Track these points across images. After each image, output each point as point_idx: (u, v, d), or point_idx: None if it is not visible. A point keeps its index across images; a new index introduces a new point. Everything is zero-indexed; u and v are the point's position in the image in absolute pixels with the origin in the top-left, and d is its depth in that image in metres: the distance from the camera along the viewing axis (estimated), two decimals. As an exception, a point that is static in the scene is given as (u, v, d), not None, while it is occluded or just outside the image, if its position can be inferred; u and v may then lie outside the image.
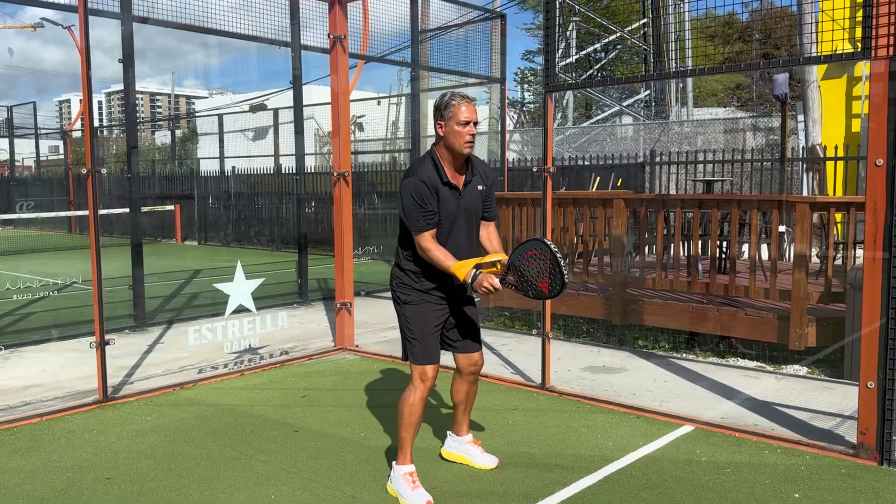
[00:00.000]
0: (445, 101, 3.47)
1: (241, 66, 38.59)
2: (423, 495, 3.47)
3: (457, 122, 3.43)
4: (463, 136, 3.43)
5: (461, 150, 3.45)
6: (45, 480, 3.81)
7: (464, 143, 3.44)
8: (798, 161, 12.20)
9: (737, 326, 6.18)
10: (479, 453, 3.93)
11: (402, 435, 3.59)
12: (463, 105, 3.44)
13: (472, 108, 3.47)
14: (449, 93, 3.51)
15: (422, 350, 3.57)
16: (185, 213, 19.07)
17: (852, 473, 3.82)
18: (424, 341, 3.57)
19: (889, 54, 3.74)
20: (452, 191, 3.51)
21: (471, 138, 3.44)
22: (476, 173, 3.60)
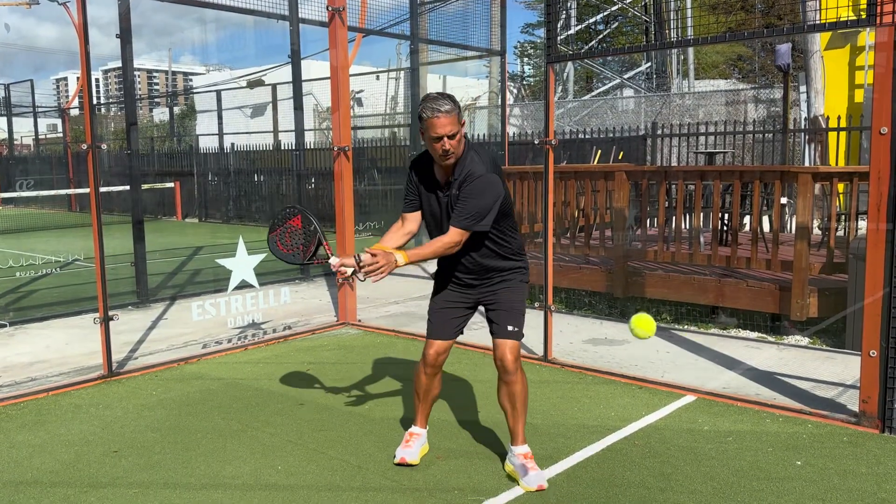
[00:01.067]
0: (419, 112, 3.28)
1: (238, 42, 38.32)
2: (402, 451, 3.64)
3: (429, 137, 3.25)
4: (436, 151, 3.27)
5: (438, 162, 3.34)
6: (52, 454, 3.84)
7: (439, 157, 3.28)
8: (800, 132, 12.14)
9: (739, 298, 6.19)
10: (526, 471, 3.43)
11: (414, 402, 3.75)
12: (435, 118, 3.20)
13: (447, 120, 3.21)
14: (425, 101, 3.27)
15: (430, 326, 3.64)
16: (186, 190, 19.05)
17: (854, 441, 3.85)
18: (432, 318, 3.63)
19: (894, 21, 3.70)
20: (435, 190, 3.42)
21: (444, 153, 3.25)
22: (456, 178, 3.34)
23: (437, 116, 3.21)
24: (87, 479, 3.54)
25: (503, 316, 3.47)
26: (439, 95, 3.29)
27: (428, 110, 3.23)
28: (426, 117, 3.23)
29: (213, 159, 18.95)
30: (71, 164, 21.12)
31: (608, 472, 3.52)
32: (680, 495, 3.27)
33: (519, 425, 3.48)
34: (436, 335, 3.60)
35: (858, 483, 3.37)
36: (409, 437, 3.71)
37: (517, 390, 3.44)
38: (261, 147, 18.05)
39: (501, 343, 3.44)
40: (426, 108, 3.24)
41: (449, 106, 3.23)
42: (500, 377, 3.46)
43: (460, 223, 3.29)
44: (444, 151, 3.25)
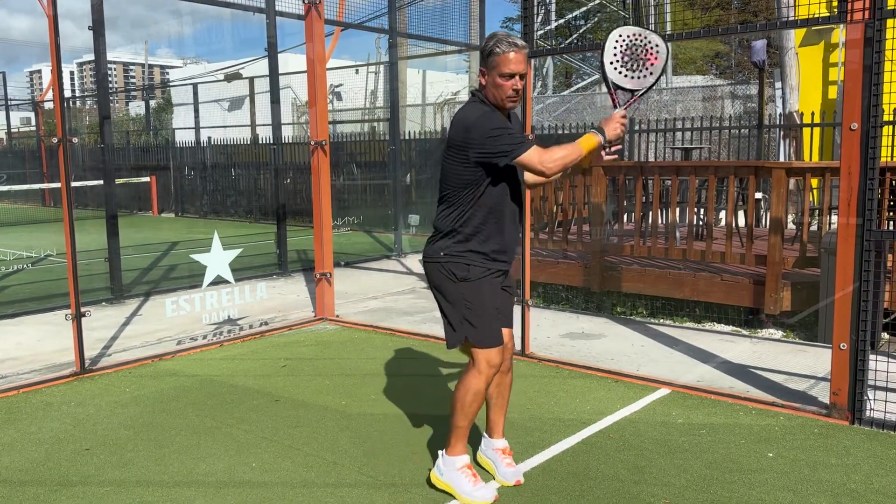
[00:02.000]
0: (489, 47, 2.99)
1: (214, 35, 37.76)
2: (487, 491, 3.14)
3: (499, 74, 2.98)
4: (506, 90, 3.00)
5: (503, 106, 3.05)
6: (23, 452, 3.79)
7: (506, 98, 3.02)
8: (775, 128, 12.26)
9: (713, 292, 6.25)
10: (503, 465, 3.36)
11: (460, 423, 3.16)
12: (511, 53, 2.96)
13: (522, 57, 2.99)
14: (496, 36, 3.01)
15: (488, 332, 3.09)
16: (161, 184, 18.85)
17: (825, 433, 3.90)
18: (489, 321, 3.10)
19: (864, 18, 3.75)
20: None
21: (514, 94, 3.02)
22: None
23: (513, 50, 2.97)
24: (59, 478, 3.49)
25: (509, 300, 3.35)
26: (509, 34, 3.06)
27: (504, 44, 2.98)
28: (500, 51, 2.97)
29: (190, 153, 18.77)
30: (44, 158, 20.81)
31: (583, 465, 3.54)
32: (654, 487, 3.30)
33: (503, 417, 3.42)
34: (499, 340, 3.14)
35: (828, 474, 3.41)
36: (472, 470, 3.22)
37: (510, 381, 3.38)
38: (238, 141, 17.91)
39: (507, 333, 3.30)
40: (501, 43, 2.98)
41: (524, 43, 3.04)
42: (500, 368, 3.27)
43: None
44: (514, 91, 3.02)
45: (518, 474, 3.36)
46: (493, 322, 3.13)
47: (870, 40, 3.74)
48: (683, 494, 3.24)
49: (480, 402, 3.14)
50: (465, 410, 3.13)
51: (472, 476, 3.16)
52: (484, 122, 2.99)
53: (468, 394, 3.12)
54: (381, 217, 13.01)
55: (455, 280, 3.11)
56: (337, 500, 3.24)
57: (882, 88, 3.74)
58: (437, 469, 3.26)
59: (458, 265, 3.11)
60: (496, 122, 3.00)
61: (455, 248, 3.11)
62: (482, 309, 3.10)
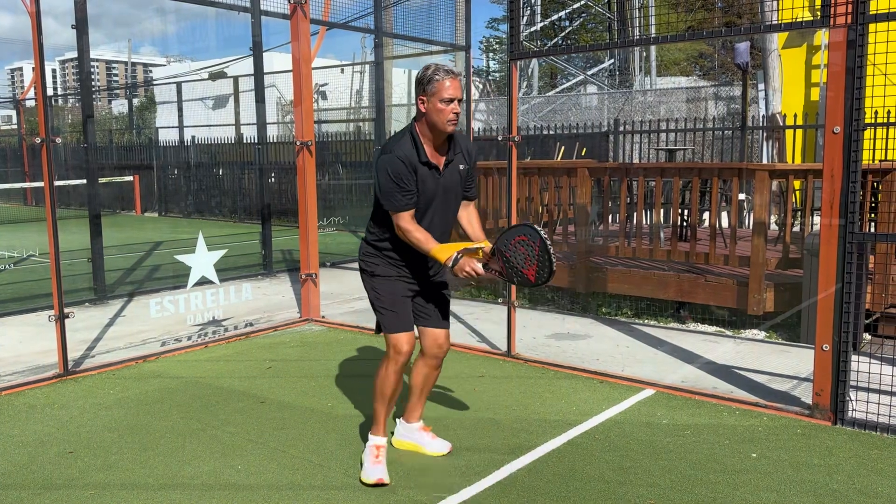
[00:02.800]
0: (428, 76, 3.22)
1: (199, 33, 37.63)
2: (377, 471, 3.38)
3: (440, 99, 3.19)
4: (446, 114, 3.20)
5: (444, 129, 3.24)
6: (5, 455, 3.75)
7: (447, 122, 3.22)
8: (758, 129, 12.36)
9: (697, 292, 6.29)
10: (429, 439, 3.71)
11: (376, 407, 3.48)
12: (447, 80, 3.20)
13: (458, 83, 3.23)
14: (433, 66, 3.24)
15: (394, 319, 3.38)
16: (145, 183, 18.71)
17: (807, 433, 3.94)
18: (396, 309, 3.39)
19: (847, 22, 3.79)
20: (431, 170, 3.30)
21: (454, 116, 3.22)
22: (459, 151, 3.38)
23: (450, 77, 3.21)
24: (42, 481, 3.46)
25: (444, 303, 3.59)
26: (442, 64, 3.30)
27: (441, 71, 3.21)
28: (438, 79, 3.20)
29: (174, 152, 18.64)
30: (26, 157, 20.60)
31: (569, 467, 3.55)
32: (639, 488, 3.32)
33: (422, 403, 3.73)
34: (407, 327, 3.40)
35: (811, 474, 3.45)
36: (378, 451, 3.48)
37: (436, 376, 3.68)
38: (222, 140, 17.81)
39: (441, 333, 3.56)
40: (437, 71, 3.21)
41: (459, 71, 3.29)
42: (429, 363, 3.57)
43: (476, 195, 3.54)
44: (454, 114, 3.22)
45: (447, 444, 3.71)
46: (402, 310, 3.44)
47: (852, 43, 3.78)
48: (668, 495, 3.26)
49: (391, 386, 3.42)
50: (378, 395, 3.47)
51: (375, 456, 3.46)
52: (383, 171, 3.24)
53: (378, 378, 3.46)
54: (366, 217, 12.92)
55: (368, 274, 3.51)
56: (323, 502, 3.23)
57: (864, 92, 3.78)
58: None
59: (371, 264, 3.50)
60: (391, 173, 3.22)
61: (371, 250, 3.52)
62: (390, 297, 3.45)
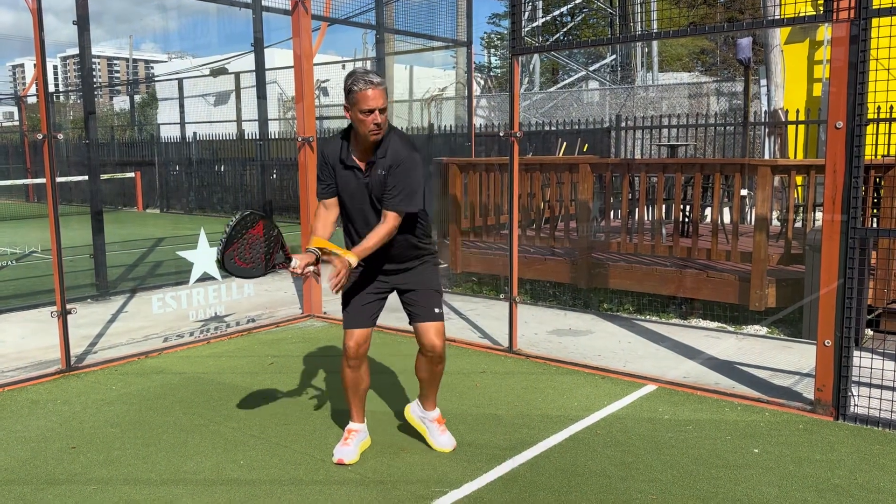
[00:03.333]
0: (348, 86, 3.22)
1: (200, 29, 37.64)
2: (340, 451, 3.58)
3: (360, 110, 3.20)
4: (367, 125, 3.22)
5: (366, 137, 3.27)
6: (8, 451, 3.76)
7: (368, 132, 3.24)
8: (760, 125, 12.35)
9: (699, 288, 6.29)
10: (438, 433, 3.73)
11: (346, 398, 3.67)
12: (368, 90, 3.17)
13: (378, 92, 3.19)
14: (356, 73, 3.23)
15: (346, 315, 3.53)
16: (147, 180, 18.72)
17: (809, 428, 3.94)
18: (348, 306, 3.52)
19: (850, 17, 3.78)
20: (353, 170, 3.35)
21: (375, 127, 3.22)
22: (382, 156, 3.32)
23: (369, 88, 3.18)
24: (45, 476, 3.47)
25: (427, 299, 3.54)
26: (367, 70, 3.28)
27: (360, 82, 3.19)
28: (357, 90, 3.19)
29: (175, 149, 18.64)
30: (28, 154, 20.61)
31: (571, 462, 3.56)
32: (641, 483, 3.32)
33: (434, 393, 3.71)
34: (354, 324, 3.51)
35: (813, 470, 3.45)
36: (348, 434, 3.64)
37: (440, 370, 3.64)
38: (224, 136, 17.80)
39: (428, 326, 3.52)
40: (357, 81, 3.20)
41: (379, 79, 3.24)
42: (427, 358, 3.57)
43: (397, 206, 3.31)
44: (375, 125, 3.22)
45: (451, 441, 3.71)
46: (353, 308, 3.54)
47: (855, 38, 3.77)
48: (670, 490, 3.26)
49: (347, 379, 3.56)
50: (343, 388, 3.63)
51: (344, 438, 3.64)
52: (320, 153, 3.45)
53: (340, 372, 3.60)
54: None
55: None
56: (325, 497, 3.24)
57: (867, 87, 3.77)
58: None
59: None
60: (318, 166, 3.47)
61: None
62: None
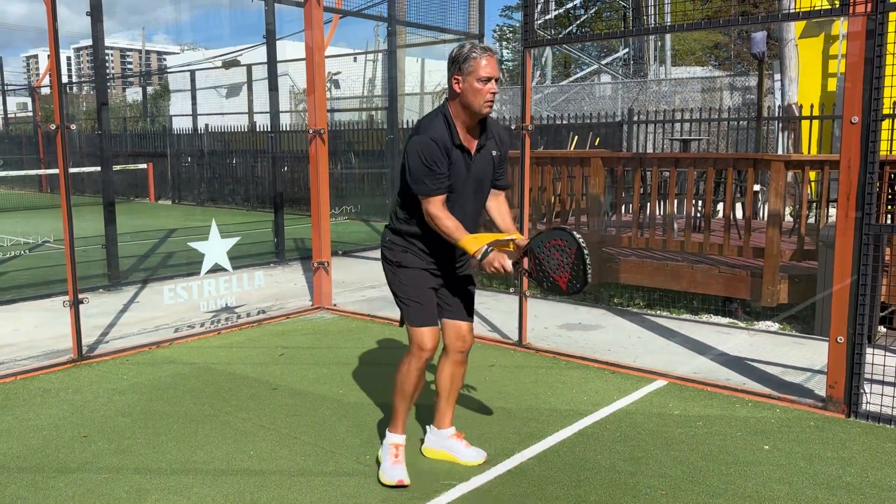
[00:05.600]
0: (465, 54, 3.06)
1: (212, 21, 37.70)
2: (397, 472, 3.25)
3: (477, 79, 3.04)
4: (483, 95, 3.06)
5: (479, 110, 3.10)
6: (20, 439, 3.79)
7: (483, 103, 3.08)
8: (774, 120, 12.25)
9: (711, 284, 6.26)
10: (463, 448, 3.50)
11: (396, 404, 3.34)
12: (484, 58, 3.04)
13: (495, 62, 3.08)
14: (469, 44, 3.10)
15: (419, 312, 3.23)
16: (158, 171, 18.78)
17: (821, 426, 3.91)
18: (421, 301, 3.23)
19: (867, 11, 3.73)
20: (464, 154, 3.15)
21: (491, 97, 3.08)
22: (491, 136, 3.23)
23: (488, 55, 3.07)
24: (56, 464, 3.50)
25: (469, 296, 3.46)
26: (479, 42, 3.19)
27: (478, 49, 3.07)
28: (475, 56, 3.04)
29: (187, 140, 18.69)
30: (41, 144, 20.73)
31: (580, 456, 3.55)
32: (650, 479, 3.31)
33: (452, 406, 3.54)
34: (432, 321, 3.25)
35: (824, 467, 3.43)
36: (398, 450, 3.33)
37: (464, 372, 3.50)
38: (235, 128, 17.84)
39: (464, 325, 3.41)
40: (475, 49, 3.07)
41: (496, 49, 3.17)
42: (453, 359, 3.41)
43: (508, 183, 3.37)
44: (491, 95, 3.09)
45: (482, 453, 3.50)
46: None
47: (871, 33, 3.73)
48: (680, 486, 3.25)
49: (413, 383, 3.27)
50: (398, 392, 3.32)
51: (395, 455, 3.32)
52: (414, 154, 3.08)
53: (399, 374, 3.31)
54: (378, 206, 12.99)
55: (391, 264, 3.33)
56: (334, 489, 3.25)
57: (883, 82, 3.73)
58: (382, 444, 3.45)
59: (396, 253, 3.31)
60: (424, 156, 3.06)
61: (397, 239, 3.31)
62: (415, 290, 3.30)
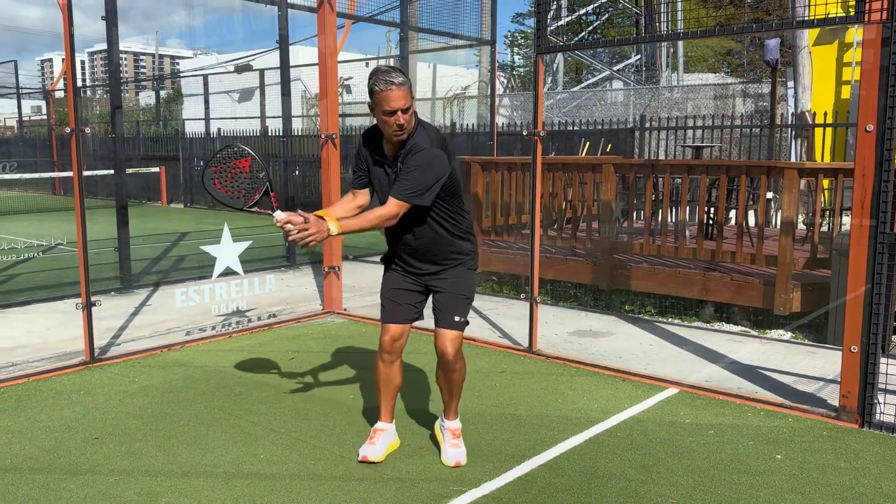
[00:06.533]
0: (370, 85, 3.10)
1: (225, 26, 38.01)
2: (366, 449, 3.54)
3: (381, 112, 3.10)
4: (390, 126, 3.12)
5: (389, 139, 3.20)
6: (32, 440, 3.81)
7: (391, 133, 3.15)
8: (787, 127, 12.19)
9: (723, 291, 6.22)
10: (448, 444, 3.59)
11: (377, 394, 3.66)
12: (390, 91, 3.05)
13: (400, 93, 3.06)
14: (376, 74, 3.10)
15: (383, 310, 3.53)
16: (171, 174, 18.89)
17: (833, 435, 3.88)
18: (384, 301, 3.52)
19: (882, 19, 3.71)
20: (383, 165, 3.29)
21: (398, 128, 3.11)
22: (408, 151, 3.20)
23: (390, 89, 3.06)
24: (68, 466, 3.51)
25: (449, 304, 3.41)
26: (390, 69, 3.13)
27: (381, 83, 3.07)
28: (378, 90, 3.07)
29: (200, 144, 18.79)
30: (55, 147, 20.88)
31: (591, 464, 3.54)
32: (661, 487, 3.29)
33: (453, 403, 3.62)
34: (390, 319, 3.49)
35: (837, 477, 3.40)
36: (374, 433, 3.62)
37: (455, 378, 3.53)
38: (248, 133, 17.93)
39: (443, 333, 3.42)
40: (378, 82, 3.07)
41: (402, 78, 3.10)
42: (440, 364, 3.50)
43: (399, 195, 3.16)
44: (398, 126, 3.11)
45: (458, 456, 3.54)
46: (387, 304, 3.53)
47: (886, 41, 3.70)
48: (691, 495, 3.23)
49: (380, 374, 3.56)
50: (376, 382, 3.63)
51: (370, 437, 3.61)
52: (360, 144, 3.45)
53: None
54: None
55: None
56: (344, 493, 3.24)
57: (898, 90, 3.71)
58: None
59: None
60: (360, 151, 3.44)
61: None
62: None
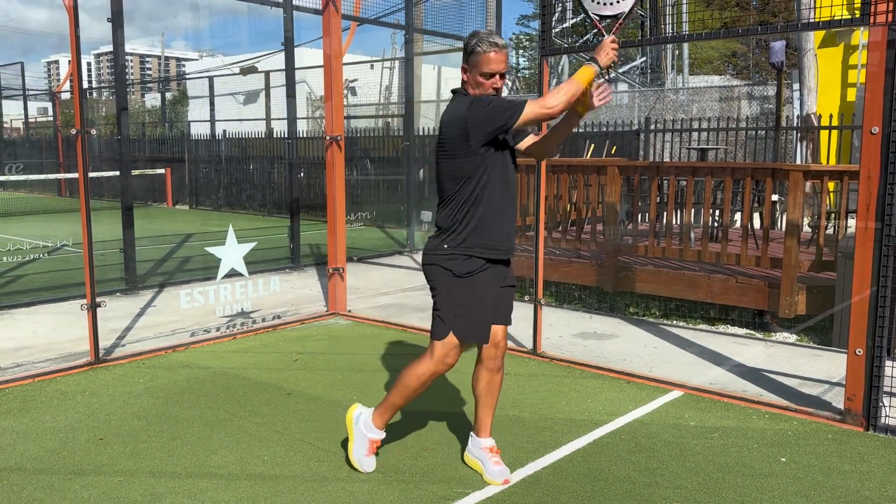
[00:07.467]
0: (471, 46, 3.05)
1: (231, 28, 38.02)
2: (371, 463, 3.41)
3: (480, 73, 3.04)
4: (486, 89, 3.05)
5: None
6: (37, 441, 3.82)
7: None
8: (792, 130, 12.16)
9: (728, 294, 6.21)
10: (492, 464, 3.35)
11: (395, 400, 3.34)
12: (491, 52, 3.01)
13: (502, 56, 3.04)
14: (477, 35, 3.06)
15: (469, 325, 3.15)
16: (176, 176, 18.94)
17: (838, 438, 3.87)
18: (478, 314, 3.15)
19: (888, 21, 3.70)
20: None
21: (494, 92, 3.06)
22: None
23: (494, 50, 3.03)
24: (72, 467, 3.52)
25: (511, 299, 3.38)
26: (492, 32, 3.11)
27: (485, 44, 3.03)
28: (482, 51, 3.02)
29: (205, 146, 18.83)
30: (61, 149, 20.96)
31: (594, 466, 3.53)
32: (665, 490, 3.29)
33: (491, 417, 3.44)
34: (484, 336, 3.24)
35: (842, 480, 3.39)
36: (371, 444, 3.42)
37: (501, 380, 3.41)
38: (253, 134, 17.96)
39: (500, 330, 3.32)
40: (482, 41, 3.04)
41: (504, 42, 3.08)
42: (488, 365, 3.33)
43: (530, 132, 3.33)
44: (494, 90, 3.07)
45: (505, 473, 3.35)
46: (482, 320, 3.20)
47: (892, 43, 3.70)
48: (695, 497, 3.22)
49: (422, 389, 3.29)
50: (405, 391, 3.30)
51: (371, 449, 3.40)
52: (479, 104, 3.01)
53: (413, 377, 3.27)
54: (394, 212, 13.02)
55: (452, 275, 3.16)
56: (348, 495, 3.24)
57: (904, 92, 3.70)
58: (358, 417, 3.43)
59: (456, 261, 3.16)
60: (488, 98, 3.04)
61: (455, 243, 3.15)
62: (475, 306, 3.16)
